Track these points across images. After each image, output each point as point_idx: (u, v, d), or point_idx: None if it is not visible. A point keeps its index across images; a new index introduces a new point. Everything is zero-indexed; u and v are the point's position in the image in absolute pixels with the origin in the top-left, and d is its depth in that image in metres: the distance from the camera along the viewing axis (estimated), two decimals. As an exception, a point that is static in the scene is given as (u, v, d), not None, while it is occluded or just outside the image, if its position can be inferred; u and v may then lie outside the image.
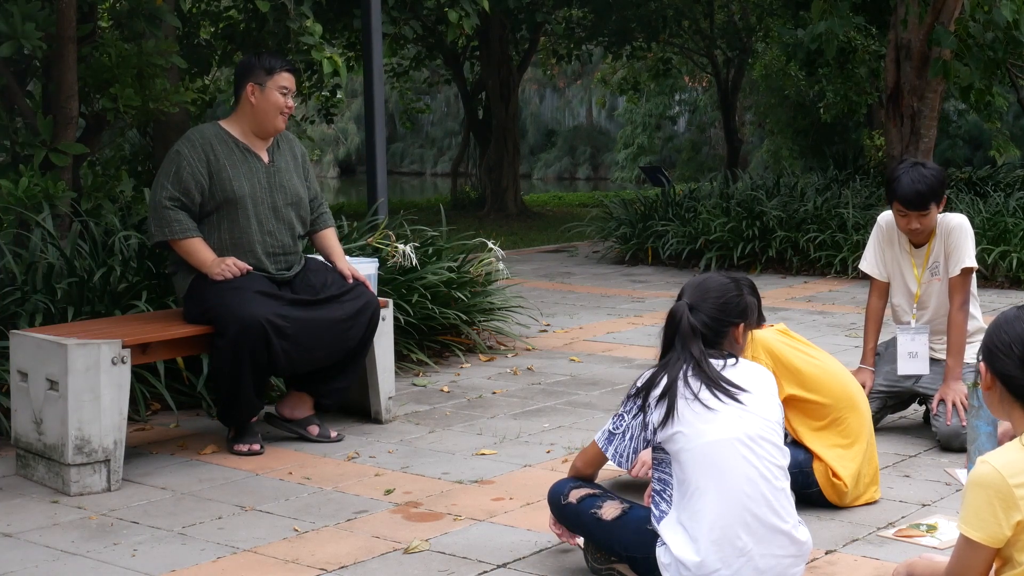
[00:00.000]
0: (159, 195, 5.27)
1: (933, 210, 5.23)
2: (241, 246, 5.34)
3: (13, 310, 5.83)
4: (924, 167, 5.25)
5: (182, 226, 5.25)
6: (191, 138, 5.38)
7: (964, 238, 5.29)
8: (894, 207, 5.27)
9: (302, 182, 5.58)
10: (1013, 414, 2.76)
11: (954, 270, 5.28)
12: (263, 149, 5.48)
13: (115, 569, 3.92)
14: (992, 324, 2.83)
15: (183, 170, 5.27)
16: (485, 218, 17.87)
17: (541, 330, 8.40)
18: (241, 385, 5.14)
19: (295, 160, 5.61)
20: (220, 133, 5.42)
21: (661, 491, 3.54)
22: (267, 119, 5.40)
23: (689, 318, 3.55)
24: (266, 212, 5.40)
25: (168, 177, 5.28)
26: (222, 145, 5.37)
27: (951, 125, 23.48)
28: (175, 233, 5.25)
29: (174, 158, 5.30)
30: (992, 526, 2.63)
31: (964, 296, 5.26)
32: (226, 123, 5.49)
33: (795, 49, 14.27)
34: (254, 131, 5.44)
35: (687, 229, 12.18)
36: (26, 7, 6.62)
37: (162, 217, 5.26)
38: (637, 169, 31.26)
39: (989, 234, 10.59)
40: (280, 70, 5.41)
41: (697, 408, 3.47)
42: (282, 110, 5.41)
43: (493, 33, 18.08)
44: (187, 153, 5.30)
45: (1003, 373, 2.75)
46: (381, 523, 4.34)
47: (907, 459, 5.13)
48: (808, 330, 8.11)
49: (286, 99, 5.41)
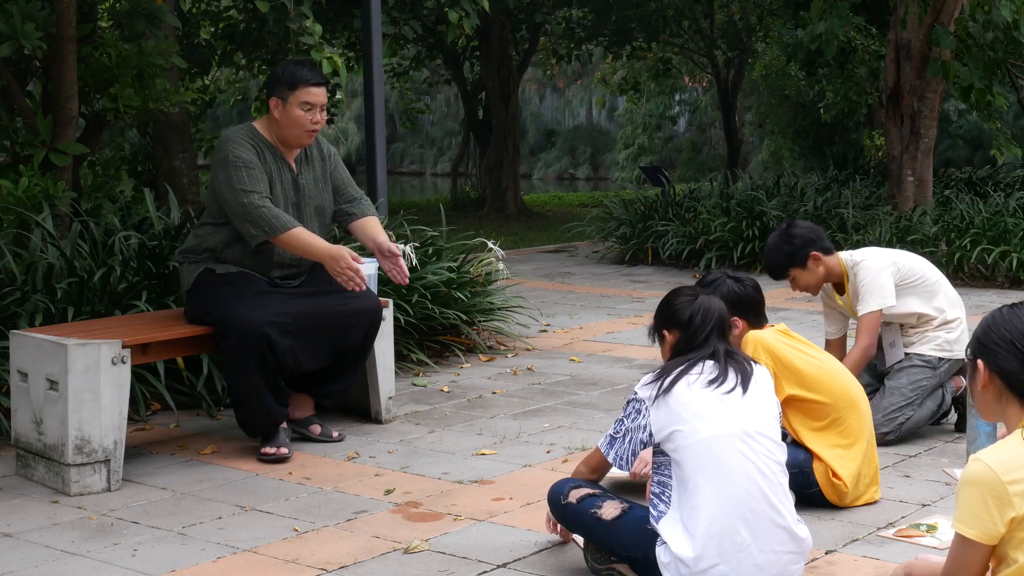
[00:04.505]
0: (245, 199, 5.06)
1: (801, 273, 5.30)
2: (262, 253, 5.24)
3: (13, 310, 5.83)
4: (779, 234, 5.31)
5: (280, 221, 5.06)
6: (237, 139, 5.18)
7: (864, 279, 5.33)
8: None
9: (328, 190, 5.44)
10: (1009, 411, 2.76)
11: (860, 312, 5.35)
12: (292, 157, 5.34)
13: (115, 569, 3.92)
14: (984, 323, 2.82)
15: (252, 170, 5.09)
16: (485, 218, 17.87)
17: (541, 330, 8.40)
18: (251, 391, 5.09)
19: (323, 162, 5.45)
20: (257, 135, 5.26)
21: (660, 493, 3.55)
22: (290, 135, 5.22)
23: (723, 310, 3.69)
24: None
25: (242, 181, 5.08)
26: (258, 148, 5.22)
27: (951, 125, 23.48)
28: (276, 229, 5.06)
29: (234, 162, 5.10)
30: (986, 523, 2.63)
31: (869, 339, 5.28)
32: (259, 125, 5.33)
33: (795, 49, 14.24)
34: (281, 141, 5.29)
35: (687, 229, 12.18)
36: (26, 7, 6.63)
37: (258, 216, 5.06)
38: (637, 169, 31.26)
39: (989, 234, 10.59)
40: (303, 85, 5.16)
41: (696, 394, 3.50)
42: (307, 128, 5.19)
43: (493, 33, 18.08)
44: (244, 154, 5.12)
45: (1003, 369, 2.74)
46: (381, 523, 4.34)
47: (907, 459, 5.13)
48: (808, 330, 8.10)
49: (311, 115, 5.18)
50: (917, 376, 5.36)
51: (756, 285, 4.59)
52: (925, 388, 5.37)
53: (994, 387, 2.77)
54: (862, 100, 17.36)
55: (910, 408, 5.33)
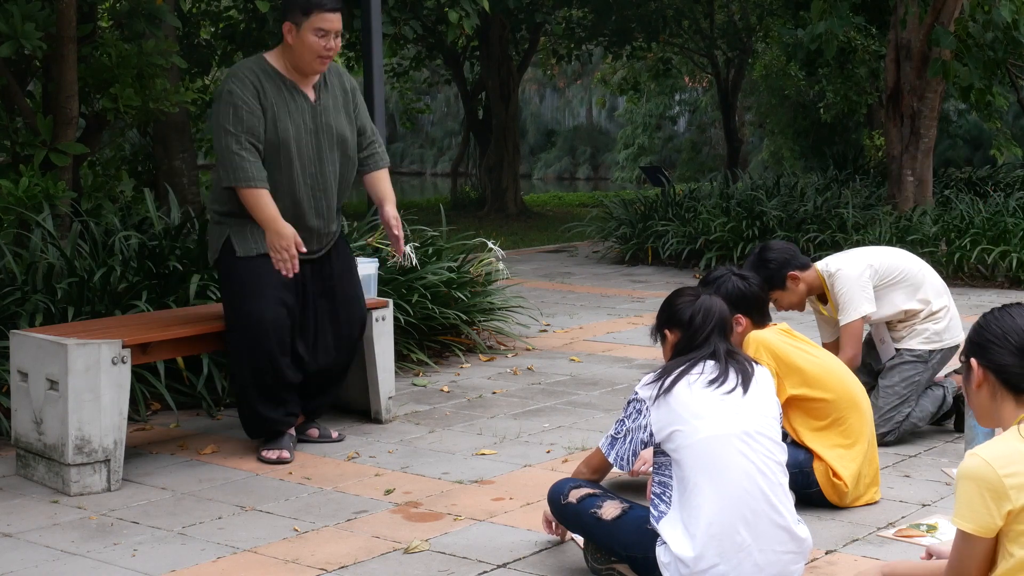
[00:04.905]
0: (224, 140, 4.93)
1: (783, 294, 5.28)
2: (281, 189, 5.03)
3: (13, 310, 5.83)
4: (753, 260, 5.25)
5: (246, 174, 4.91)
6: (239, 74, 5.03)
7: (841, 289, 5.33)
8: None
9: (350, 120, 5.25)
10: (1004, 409, 2.78)
11: (841, 322, 5.36)
12: (309, 86, 5.13)
13: (115, 569, 3.92)
14: (976, 325, 2.87)
15: (240, 109, 4.94)
16: (485, 218, 17.87)
17: (541, 330, 8.40)
18: (251, 392, 5.10)
19: (344, 95, 5.26)
20: (266, 68, 5.07)
21: (660, 494, 3.55)
22: (303, 62, 5.04)
23: (724, 311, 3.69)
24: (310, 155, 5.09)
25: (228, 120, 4.94)
26: (269, 81, 5.03)
27: (951, 125, 23.48)
28: (239, 180, 4.92)
29: (227, 98, 4.96)
30: (983, 516, 2.66)
31: (852, 350, 5.28)
32: (271, 56, 5.14)
33: (795, 49, 14.27)
34: (296, 69, 5.09)
35: (687, 229, 12.18)
36: (26, 7, 6.63)
37: (230, 161, 4.91)
38: (637, 169, 31.26)
39: (989, 234, 10.59)
40: (317, 10, 4.98)
41: (697, 395, 3.50)
42: (320, 54, 5.01)
43: (493, 33, 18.08)
44: (239, 91, 4.96)
45: (998, 363, 2.77)
46: (381, 523, 4.34)
47: (907, 459, 5.13)
48: (810, 330, 8.07)
49: (324, 41, 4.99)
50: (909, 372, 5.36)
51: (761, 283, 4.59)
52: (919, 383, 5.37)
53: (988, 385, 2.80)
54: (862, 100, 17.36)
55: (906, 405, 5.33)
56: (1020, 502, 2.63)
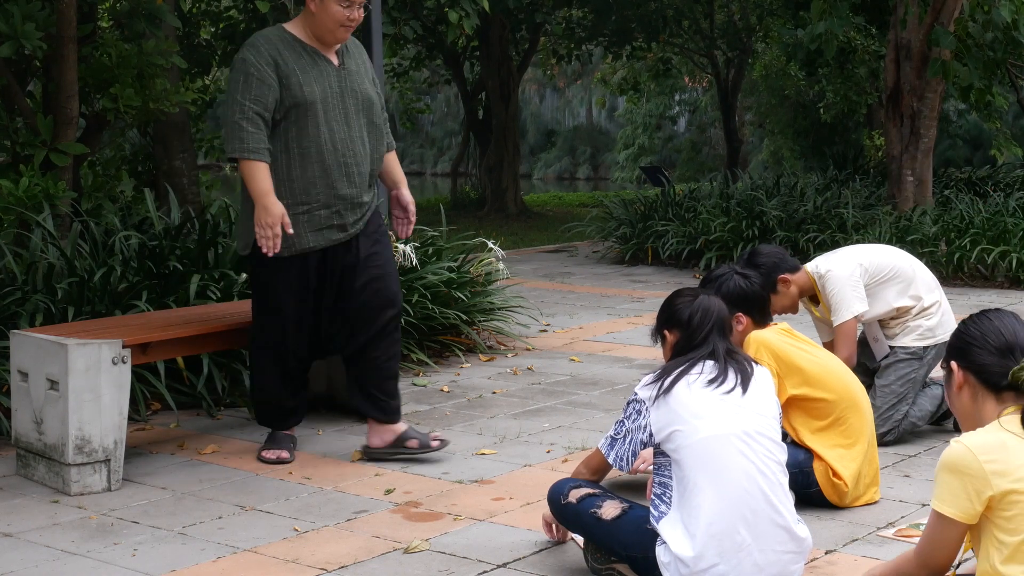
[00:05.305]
0: (233, 111, 4.85)
1: (775, 298, 5.19)
2: (309, 155, 4.94)
3: (13, 310, 5.83)
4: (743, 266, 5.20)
5: (243, 144, 4.83)
6: (255, 43, 4.96)
7: (832, 290, 5.32)
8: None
9: (373, 86, 5.20)
10: (985, 410, 2.84)
11: (834, 323, 5.35)
12: (331, 52, 5.07)
13: (115, 569, 3.92)
14: (956, 329, 2.93)
15: (251, 78, 4.86)
16: (485, 218, 17.88)
17: (541, 330, 8.40)
18: (270, 377, 5.13)
19: (365, 64, 5.22)
20: (285, 36, 5.00)
21: (661, 494, 3.56)
22: (326, 31, 4.97)
23: (722, 310, 3.70)
24: (338, 118, 5.00)
25: (238, 90, 4.87)
26: (289, 49, 4.96)
27: (951, 125, 23.49)
28: (236, 150, 4.85)
29: (240, 67, 4.90)
30: (963, 502, 2.72)
31: (848, 350, 5.27)
32: (290, 26, 5.06)
33: (795, 49, 14.28)
34: (317, 37, 5.02)
35: (687, 229, 12.18)
36: (26, 7, 6.63)
37: (235, 129, 4.84)
38: (637, 169, 31.27)
39: (989, 234, 10.59)
40: None
41: (696, 394, 3.50)
42: (343, 23, 4.94)
43: (493, 33, 18.08)
44: (253, 59, 4.89)
45: (978, 364, 2.83)
46: (381, 523, 4.35)
47: (907, 459, 5.13)
48: (810, 330, 8.09)
49: (349, 11, 4.92)
50: (904, 370, 5.36)
51: (763, 282, 4.59)
52: (915, 380, 5.38)
53: (969, 387, 2.86)
54: (862, 100, 17.37)
55: (904, 403, 5.34)
56: (1000, 488, 2.68)
